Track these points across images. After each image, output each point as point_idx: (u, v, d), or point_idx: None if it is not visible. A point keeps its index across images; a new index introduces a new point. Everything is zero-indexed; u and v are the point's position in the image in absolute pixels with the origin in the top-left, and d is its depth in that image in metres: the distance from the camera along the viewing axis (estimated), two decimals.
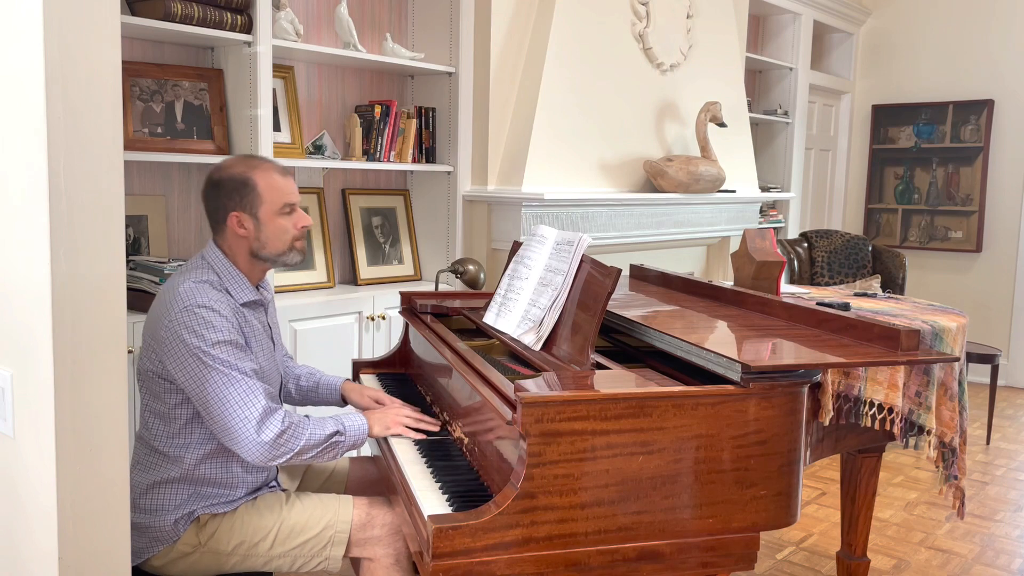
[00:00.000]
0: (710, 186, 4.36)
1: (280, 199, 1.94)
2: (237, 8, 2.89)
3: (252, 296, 1.96)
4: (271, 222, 1.94)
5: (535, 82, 3.75)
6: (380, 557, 1.94)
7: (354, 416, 1.98)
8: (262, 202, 1.92)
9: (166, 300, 1.86)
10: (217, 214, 1.95)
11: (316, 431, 1.88)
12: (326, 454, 1.91)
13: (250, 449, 1.80)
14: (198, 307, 1.82)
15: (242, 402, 1.80)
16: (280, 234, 1.95)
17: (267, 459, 1.82)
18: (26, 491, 1.43)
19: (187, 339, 1.80)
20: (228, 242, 1.96)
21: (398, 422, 2.03)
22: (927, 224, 6.41)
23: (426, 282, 3.79)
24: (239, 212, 1.92)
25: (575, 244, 2.03)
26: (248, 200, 1.92)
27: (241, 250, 1.96)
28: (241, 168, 1.94)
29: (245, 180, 1.92)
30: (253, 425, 1.79)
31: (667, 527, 1.62)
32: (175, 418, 1.88)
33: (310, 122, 3.50)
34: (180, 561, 1.90)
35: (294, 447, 1.84)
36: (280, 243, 1.96)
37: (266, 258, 1.97)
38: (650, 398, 1.60)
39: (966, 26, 6.16)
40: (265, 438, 1.80)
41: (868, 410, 2.24)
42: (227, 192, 1.92)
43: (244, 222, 1.93)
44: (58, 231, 1.30)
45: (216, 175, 1.95)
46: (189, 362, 1.80)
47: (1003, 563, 3.22)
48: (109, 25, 1.34)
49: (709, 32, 4.69)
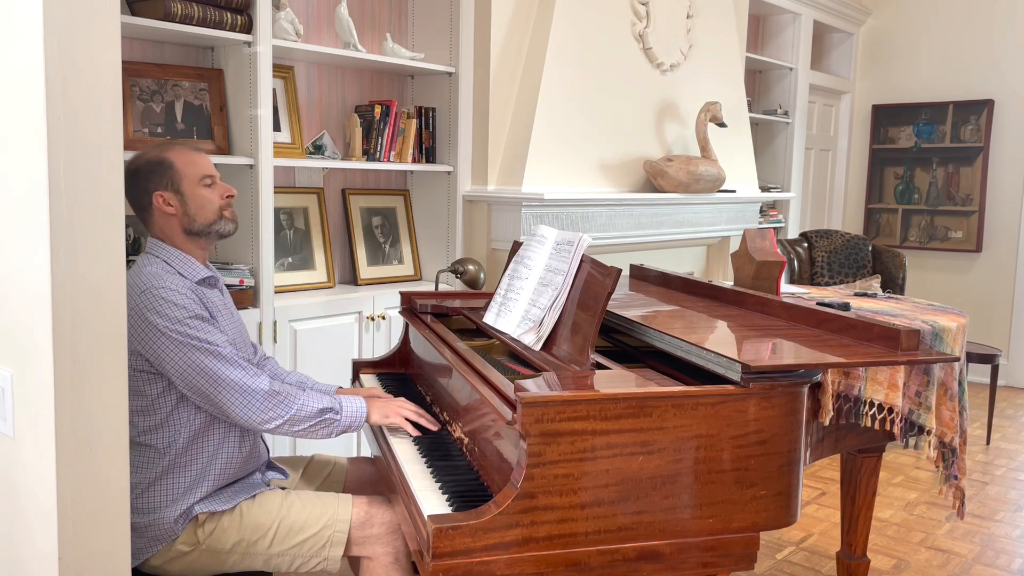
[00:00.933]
0: (710, 186, 4.36)
1: (198, 171, 1.98)
2: (237, 8, 2.89)
3: (205, 273, 1.99)
4: (195, 194, 1.97)
5: (535, 82, 3.75)
6: (379, 555, 1.94)
7: (353, 398, 2.01)
8: (182, 176, 1.96)
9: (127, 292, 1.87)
10: (142, 200, 1.96)
11: (309, 402, 1.92)
12: (320, 430, 1.93)
13: (247, 404, 1.84)
14: (157, 288, 1.84)
15: (226, 368, 1.84)
16: (206, 204, 1.98)
17: (263, 416, 1.85)
18: (26, 491, 1.43)
19: (155, 321, 1.82)
20: (159, 226, 1.98)
21: (398, 413, 2.04)
22: (927, 224, 6.41)
23: (426, 282, 3.79)
24: (162, 191, 1.95)
25: (575, 244, 2.03)
26: (167, 177, 1.95)
27: (175, 229, 1.97)
28: (154, 152, 1.98)
29: (160, 160, 1.96)
30: (244, 383, 1.84)
31: (667, 527, 1.62)
32: (158, 408, 1.89)
33: (310, 122, 3.50)
34: (179, 560, 1.90)
35: (287, 410, 1.88)
36: (208, 213, 1.98)
37: (199, 231, 1.98)
38: (650, 398, 1.60)
39: (966, 26, 6.16)
40: (260, 386, 1.85)
41: (868, 410, 2.24)
42: (145, 175, 1.95)
43: (169, 200, 1.95)
44: (58, 231, 1.30)
45: (131, 165, 1.97)
46: (163, 343, 1.82)
47: (1003, 563, 3.22)
48: (109, 25, 1.34)
49: (709, 32, 4.69)
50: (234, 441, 1.95)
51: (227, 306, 2.06)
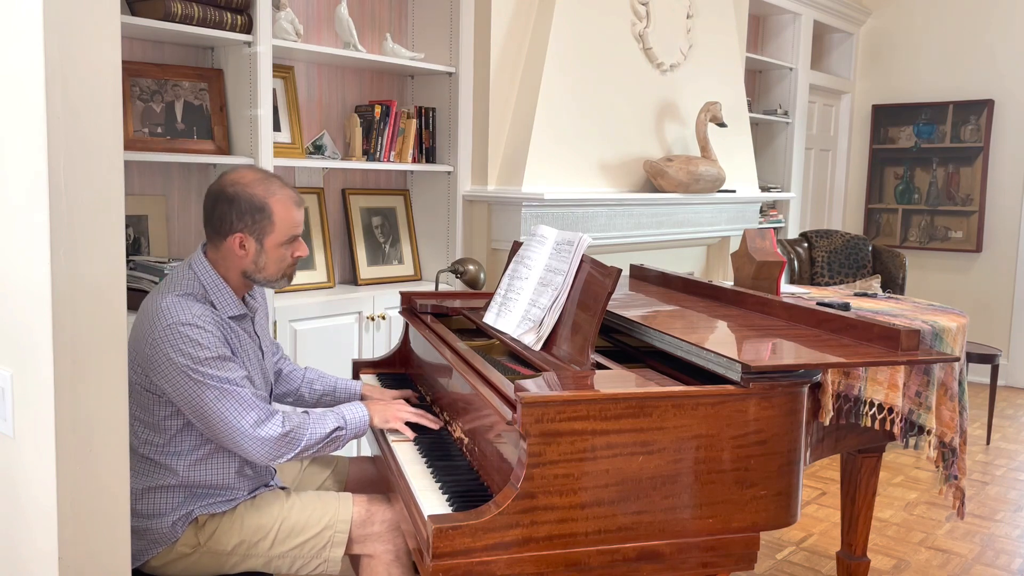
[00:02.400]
0: (710, 186, 4.36)
1: (289, 232, 1.92)
2: (237, 8, 2.89)
3: (238, 311, 1.95)
4: (274, 251, 1.92)
5: (535, 82, 3.75)
6: (380, 554, 1.94)
7: (355, 407, 2.01)
8: (272, 231, 1.90)
9: (149, 315, 1.83)
10: (222, 228, 1.90)
11: (317, 428, 1.91)
12: (328, 448, 1.95)
13: (255, 448, 1.82)
14: (182, 324, 1.79)
15: (240, 409, 1.81)
16: (278, 261, 1.94)
17: (271, 457, 1.85)
18: (26, 491, 1.42)
19: (174, 358, 1.78)
20: (222, 257, 1.93)
21: (397, 416, 2.05)
22: (927, 224, 6.41)
23: (426, 282, 3.79)
24: (245, 235, 1.89)
25: (575, 244, 2.03)
26: (260, 226, 1.89)
27: (234, 269, 1.93)
28: (261, 190, 1.89)
29: (263, 206, 1.88)
30: (254, 427, 1.82)
31: (667, 527, 1.62)
32: (166, 429, 1.88)
33: (310, 122, 3.50)
34: (179, 562, 1.90)
35: (297, 445, 1.87)
36: (275, 270, 1.95)
37: (257, 281, 1.96)
38: (650, 398, 1.60)
39: (966, 26, 6.16)
40: (270, 434, 1.83)
41: (868, 410, 2.24)
42: (240, 211, 1.88)
43: (247, 245, 1.90)
44: (58, 231, 1.30)
45: (232, 189, 1.89)
46: (180, 380, 1.79)
47: (1003, 563, 3.22)
48: (109, 25, 1.34)
49: (709, 32, 4.69)
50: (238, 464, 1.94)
51: (253, 339, 2.02)
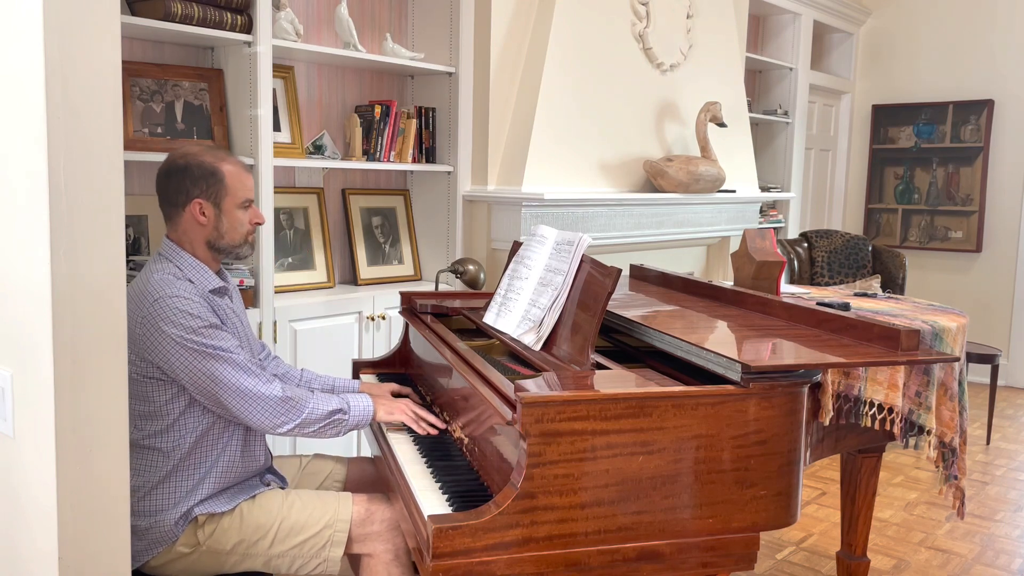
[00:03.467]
0: (710, 186, 4.36)
1: (243, 193, 1.99)
2: (237, 8, 2.89)
3: (217, 283, 1.98)
4: (231, 213, 1.98)
5: (535, 82, 3.75)
6: (380, 553, 1.94)
7: (360, 397, 2.04)
8: (227, 193, 1.96)
9: (136, 298, 1.87)
10: (178, 198, 1.95)
11: (320, 404, 1.95)
12: (328, 430, 1.97)
13: (258, 409, 1.86)
14: (170, 297, 1.84)
15: (239, 372, 1.86)
16: (237, 226, 1.99)
17: (274, 422, 1.88)
18: (26, 491, 1.42)
19: (168, 331, 1.82)
20: (184, 231, 1.97)
21: (403, 410, 2.08)
22: (927, 224, 6.41)
23: (426, 282, 3.79)
24: (203, 199, 1.95)
25: (575, 244, 2.03)
26: (214, 189, 1.95)
27: (198, 239, 1.98)
28: (210, 158, 1.97)
29: (214, 170, 1.95)
30: (257, 386, 1.86)
31: (667, 527, 1.62)
32: (166, 413, 1.89)
33: (310, 122, 3.50)
34: (179, 561, 1.90)
35: (299, 414, 1.91)
36: (236, 235, 2.00)
37: (222, 248, 2.00)
38: (650, 398, 1.60)
39: (966, 26, 6.16)
40: (273, 393, 1.87)
41: (868, 410, 2.24)
42: (193, 178, 1.94)
43: (206, 210, 1.95)
44: (58, 231, 1.30)
45: (183, 160, 1.96)
46: (176, 352, 1.82)
47: (1003, 563, 3.22)
48: (109, 25, 1.34)
49: (709, 32, 4.69)
50: (238, 443, 1.96)
51: (236, 312, 2.06)
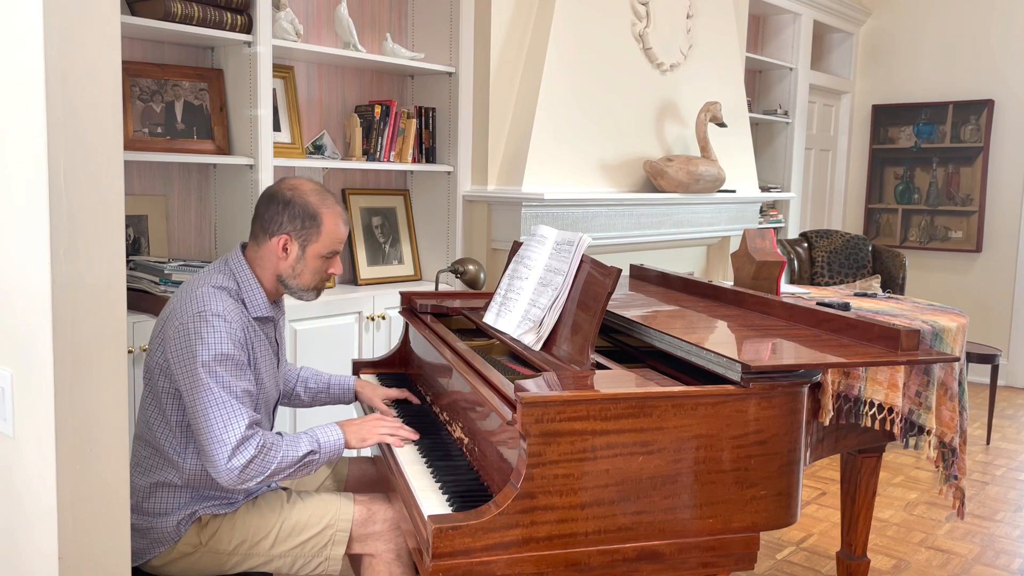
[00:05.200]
0: (710, 186, 4.36)
1: (332, 246, 1.98)
2: (237, 8, 2.89)
3: (266, 312, 1.97)
4: (313, 260, 1.96)
5: (535, 82, 3.75)
6: (381, 552, 1.94)
7: (329, 430, 1.95)
8: (317, 241, 1.95)
9: (182, 300, 1.87)
10: (271, 226, 1.94)
11: (289, 452, 1.85)
12: (300, 472, 1.89)
13: (219, 473, 1.78)
14: (211, 315, 1.82)
15: (222, 425, 1.77)
16: (314, 274, 1.98)
17: (235, 484, 1.79)
18: (26, 491, 1.42)
19: (192, 345, 1.80)
20: (262, 255, 1.96)
21: (373, 432, 2.00)
22: (927, 224, 6.41)
23: (426, 282, 3.79)
24: (291, 237, 1.94)
25: (575, 244, 2.03)
26: (307, 233, 1.94)
27: (270, 269, 1.97)
28: (316, 200, 1.95)
29: (315, 214, 1.94)
30: (227, 451, 1.76)
31: (667, 527, 1.62)
32: (179, 433, 1.89)
33: (310, 122, 3.50)
34: (180, 561, 1.90)
35: (265, 470, 1.81)
36: (308, 280, 1.99)
37: (290, 287, 1.99)
38: (650, 398, 1.60)
39: (966, 26, 6.16)
40: (235, 464, 1.77)
41: (868, 410, 2.24)
42: (292, 214, 1.93)
43: (290, 248, 1.94)
44: (58, 231, 1.30)
45: (290, 192, 1.95)
46: (187, 367, 1.80)
47: (1003, 563, 3.22)
48: (109, 25, 1.34)
49: (709, 32, 4.69)
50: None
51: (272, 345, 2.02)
